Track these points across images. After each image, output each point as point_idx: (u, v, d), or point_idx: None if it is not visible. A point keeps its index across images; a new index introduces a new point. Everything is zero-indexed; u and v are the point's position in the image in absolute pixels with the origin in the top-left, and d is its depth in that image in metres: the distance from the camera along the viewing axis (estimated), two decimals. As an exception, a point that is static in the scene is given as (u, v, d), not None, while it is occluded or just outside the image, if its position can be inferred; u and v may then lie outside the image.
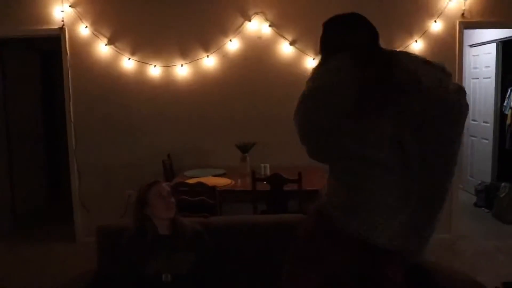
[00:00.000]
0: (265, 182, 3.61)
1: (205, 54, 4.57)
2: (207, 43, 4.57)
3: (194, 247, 2.25)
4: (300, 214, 2.77)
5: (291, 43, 4.52)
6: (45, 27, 4.55)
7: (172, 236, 2.24)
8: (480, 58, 6.14)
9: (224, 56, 4.56)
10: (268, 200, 3.63)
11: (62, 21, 4.52)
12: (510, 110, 5.63)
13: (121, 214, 4.57)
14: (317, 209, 1.76)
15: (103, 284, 2.30)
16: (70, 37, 4.58)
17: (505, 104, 5.79)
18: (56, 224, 5.30)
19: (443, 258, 4.04)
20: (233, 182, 3.88)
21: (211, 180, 3.81)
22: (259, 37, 4.54)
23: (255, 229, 2.54)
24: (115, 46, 4.59)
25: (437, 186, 1.65)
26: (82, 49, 4.61)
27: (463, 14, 4.44)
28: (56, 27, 4.53)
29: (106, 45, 4.58)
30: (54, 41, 4.69)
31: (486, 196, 5.76)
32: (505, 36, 5.59)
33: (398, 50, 1.90)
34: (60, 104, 5.20)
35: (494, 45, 5.81)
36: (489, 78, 5.99)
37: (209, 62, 4.57)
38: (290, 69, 4.52)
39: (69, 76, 4.64)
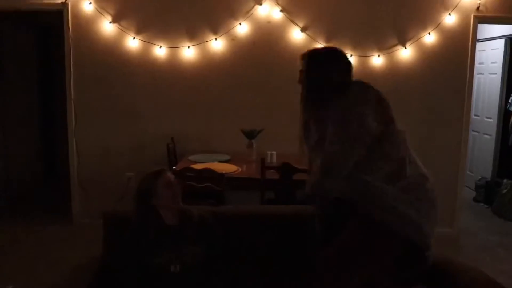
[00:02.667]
0: (274, 171, 3.52)
1: (213, 37, 4.44)
2: (216, 25, 4.43)
3: (202, 237, 2.17)
4: (309, 206, 2.73)
5: (302, 30, 4.41)
6: (46, 1, 4.37)
7: (180, 226, 2.15)
8: (487, 53, 6.09)
9: (233, 40, 4.44)
10: (276, 189, 3.55)
11: (66, -5, 4.36)
12: (514, 107, 5.61)
13: (120, 197, 4.47)
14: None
15: (109, 273, 2.20)
16: (73, 13, 4.41)
17: (510, 101, 5.76)
18: (53, 206, 5.18)
19: (447, 253, 4.01)
20: (240, 169, 3.79)
21: (217, 166, 3.72)
22: (269, 22, 4.42)
23: (265, 219, 2.47)
24: (120, 25, 4.44)
25: None
26: (85, 26, 4.44)
27: (478, 8, 4.36)
28: (59, 1, 4.36)
29: (110, 22, 4.42)
30: (53, 16, 4.52)
31: (486, 192, 5.76)
32: (513, 32, 5.54)
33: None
34: (59, 82, 5.05)
35: (502, 41, 5.76)
36: (495, 74, 5.94)
37: (217, 45, 4.44)
38: (299, 55, 4.40)
39: (71, 53, 4.48)
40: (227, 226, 2.31)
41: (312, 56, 2.17)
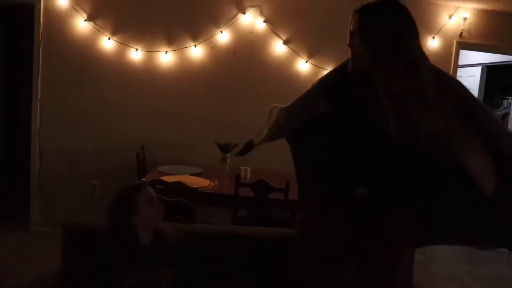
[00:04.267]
0: (248, 188, 3.37)
1: (192, 43, 4.27)
2: (196, 32, 4.27)
3: (176, 259, 2.01)
4: (288, 228, 2.62)
5: (285, 42, 4.30)
6: (18, -7, 4.14)
7: (154, 246, 1.98)
8: (463, 79, 6.13)
9: (213, 48, 4.29)
10: (250, 207, 3.39)
11: (38, -12, 4.12)
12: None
13: (83, 206, 4.24)
14: None
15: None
16: (45, 7, 4.18)
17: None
18: (8, 211, 4.85)
19: (418, 281, 3.95)
20: (212, 184, 3.62)
21: (188, 180, 3.54)
22: (251, 32, 4.29)
23: (242, 240, 2.34)
24: (95, 24, 4.22)
25: None
26: (57, 22, 4.21)
27: (461, 34, 4.37)
28: (31, -6, 4.13)
29: (85, 21, 4.20)
30: (26, 9, 4.27)
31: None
32: (490, 61, 5.61)
33: None
34: (25, 80, 4.77)
35: (479, 68, 5.83)
36: (471, 100, 5.99)
37: (196, 52, 4.28)
38: (281, 69, 4.31)
39: (40, 50, 4.22)
40: (200, 246, 2.16)
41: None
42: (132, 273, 1.91)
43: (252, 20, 4.27)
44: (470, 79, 6.02)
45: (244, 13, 4.25)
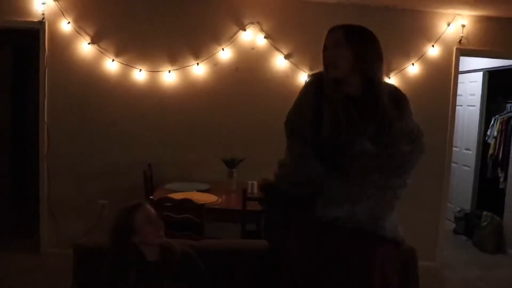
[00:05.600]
0: (255, 202, 3.39)
1: (195, 62, 4.33)
2: (198, 50, 4.34)
3: (186, 274, 2.03)
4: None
5: (286, 57, 4.36)
6: (23, 19, 4.21)
7: (162, 262, 2.00)
8: (465, 85, 6.15)
9: (215, 65, 4.34)
10: (258, 221, 3.41)
11: (43, 14, 4.19)
12: (493, 139, 5.65)
13: (93, 226, 4.27)
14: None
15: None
16: (50, 32, 4.25)
17: (488, 133, 5.81)
18: (19, 233, 4.89)
19: (431, 287, 3.96)
20: (220, 199, 3.65)
21: (196, 196, 3.56)
22: (253, 48, 4.35)
23: (249, 253, 2.34)
24: (99, 46, 4.29)
25: None
26: (62, 46, 4.28)
27: (460, 40, 4.40)
28: (35, 20, 4.20)
29: (89, 43, 4.27)
30: (31, 35, 4.36)
31: (466, 224, 5.74)
32: (492, 66, 5.62)
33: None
34: (32, 104, 4.84)
35: (480, 74, 5.84)
36: (474, 106, 6.00)
37: (199, 70, 4.34)
38: (283, 83, 4.35)
39: (46, 75, 4.29)
40: (209, 261, 2.17)
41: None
42: None
43: (252, 37, 4.33)
44: (472, 84, 6.03)
45: (245, 30, 4.31)
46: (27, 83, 5.78)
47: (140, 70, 4.32)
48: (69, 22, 4.23)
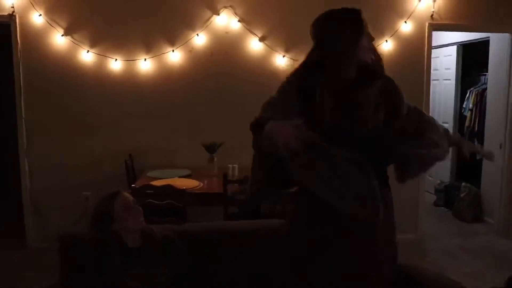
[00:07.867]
0: (237, 184, 3.44)
1: (170, 49, 4.33)
2: (173, 37, 4.33)
3: (167, 258, 2.06)
4: (276, 219, 2.68)
5: (261, 39, 4.37)
6: (-8, 13, 4.16)
7: (143, 248, 2.04)
8: (440, 60, 6.24)
9: (191, 51, 4.35)
10: (239, 203, 3.47)
11: (12, 7, 4.14)
12: (469, 112, 5.76)
13: (78, 218, 4.28)
14: None
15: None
16: (21, 26, 4.20)
17: (464, 106, 5.92)
18: (3, 229, 4.89)
19: (412, 258, 4.07)
20: (201, 184, 3.69)
21: (177, 182, 3.61)
22: (227, 32, 4.36)
23: (233, 235, 2.38)
24: (73, 37, 4.26)
25: None
26: (35, 39, 4.24)
27: (432, 15, 4.46)
28: (5, 13, 4.14)
29: (62, 35, 4.24)
30: (1, 29, 4.30)
31: (446, 196, 5.88)
32: (465, 39, 5.71)
33: None
34: (7, 98, 4.79)
35: (454, 47, 5.93)
36: (449, 80, 6.11)
37: (175, 57, 4.34)
38: (259, 66, 4.38)
39: (20, 69, 4.26)
40: (192, 244, 2.21)
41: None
42: (127, 277, 1.96)
43: (226, 21, 4.33)
44: (447, 58, 6.12)
45: (218, 14, 4.31)
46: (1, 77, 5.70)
47: (116, 59, 4.31)
48: (40, 15, 4.18)
